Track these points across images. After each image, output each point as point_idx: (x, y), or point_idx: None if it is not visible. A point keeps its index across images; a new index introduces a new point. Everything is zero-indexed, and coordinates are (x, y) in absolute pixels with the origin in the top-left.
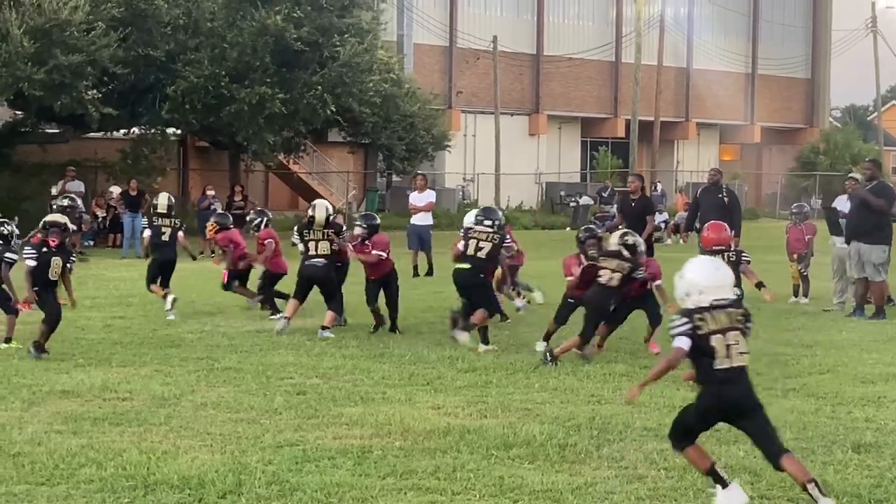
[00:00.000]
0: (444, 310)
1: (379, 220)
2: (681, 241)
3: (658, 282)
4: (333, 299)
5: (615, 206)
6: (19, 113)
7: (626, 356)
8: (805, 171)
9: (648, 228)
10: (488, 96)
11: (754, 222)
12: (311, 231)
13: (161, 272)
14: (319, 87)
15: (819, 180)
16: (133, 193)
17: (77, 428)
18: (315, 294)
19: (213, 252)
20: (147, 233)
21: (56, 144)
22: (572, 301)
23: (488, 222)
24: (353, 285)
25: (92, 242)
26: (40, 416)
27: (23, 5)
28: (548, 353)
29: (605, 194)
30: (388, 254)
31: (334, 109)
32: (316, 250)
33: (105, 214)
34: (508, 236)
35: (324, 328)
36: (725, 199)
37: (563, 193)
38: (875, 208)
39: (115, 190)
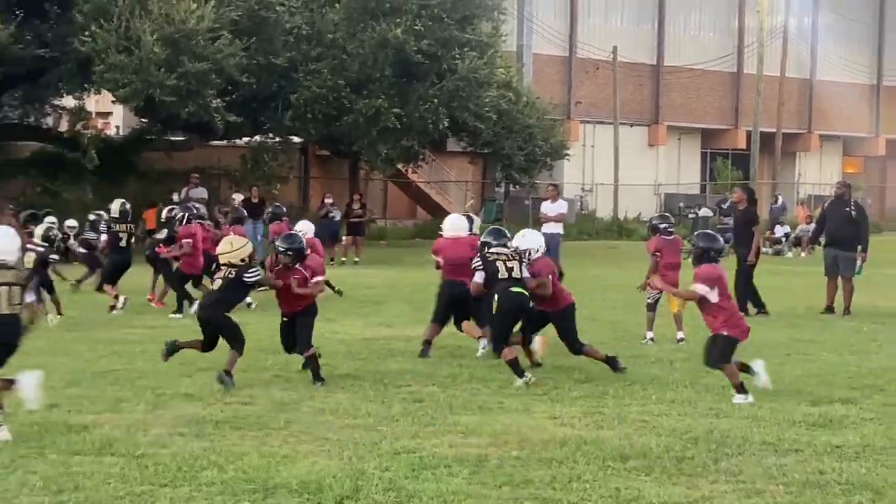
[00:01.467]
0: None
1: (303, 243)
2: (802, 254)
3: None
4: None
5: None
6: (145, 121)
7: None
8: None
9: (755, 241)
10: (608, 107)
11: (878, 236)
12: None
13: (117, 274)
14: (435, 101)
15: None
16: (254, 200)
17: (199, 431)
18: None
19: (332, 260)
20: (104, 237)
21: (181, 151)
22: None
23: (508, 242)
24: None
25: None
26: (164, 418)
27: (152, 13)
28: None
29: (724, 206)
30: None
31: (447, 124)
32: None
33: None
34: None
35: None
36: (853, 212)
37: (682, 205)
38: None
39: (237, 197)
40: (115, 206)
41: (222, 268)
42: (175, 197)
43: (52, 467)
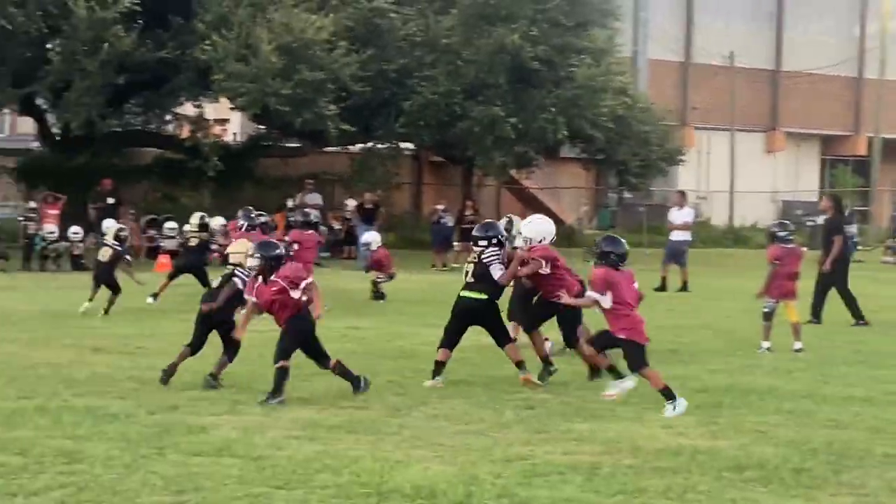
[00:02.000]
0: (676, 328)
1: (280, 250)
2: None
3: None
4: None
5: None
6: (262, 128)
7: (867, 380)
8: None
9: (835, 250)
10: (724, 113)
11: None
12: None
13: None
14: (553, 109)
15: None
16: (368, 206)
17: (314, 434)
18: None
19: (444, 265)
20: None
21: (295, 158)
22: None
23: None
24: None
25: (328, 254)
26: (280, 421)
27: (272, 22)
28: None
29: (845, 214)
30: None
31: (566, 133)
32: None
33: (341, 227)
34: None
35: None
36: None
37: (800, 212)
38: None
39: (351, 203)
40: (195, 219)
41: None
42: (289, 202)
43: (173, 467)
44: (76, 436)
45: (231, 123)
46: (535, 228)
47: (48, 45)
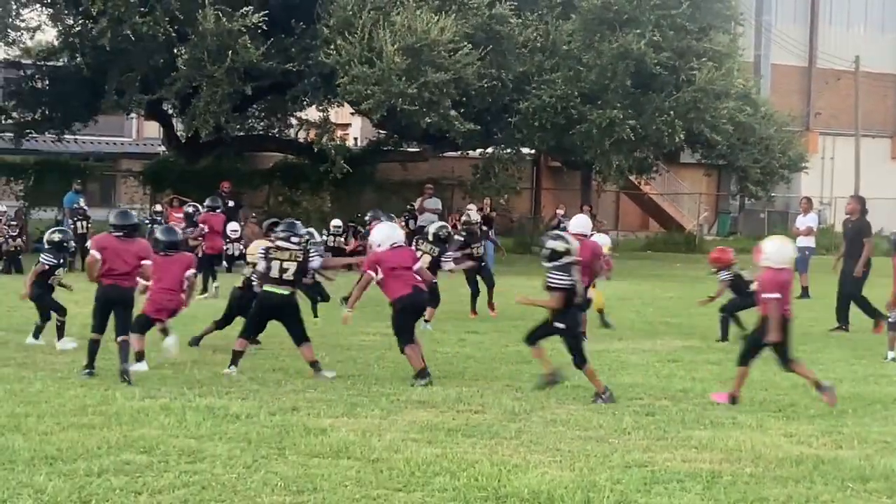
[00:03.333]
0: (799, 336)
1: (177, 236)
2: None
3: None
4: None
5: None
6: (382, 132)
7: None
8: None
9: (865, 252)
10: (848, 118)
11: None
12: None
13: None
14: (671, 112)
15: None
16: (487, 211)
17: (432, 437)
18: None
19: None
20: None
21: (415, 163)
22: None
23: (295, 239)
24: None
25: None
26: (398, 424)
27: (395, 24)
28: None
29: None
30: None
31: (683, 137)
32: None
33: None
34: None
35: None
36: None
37: None
38: None
39: (472, 208)
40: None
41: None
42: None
43: (292, 468)
44: (199, 435)
45: (352, 128)
46: (375, 234)
47: (175, 52)
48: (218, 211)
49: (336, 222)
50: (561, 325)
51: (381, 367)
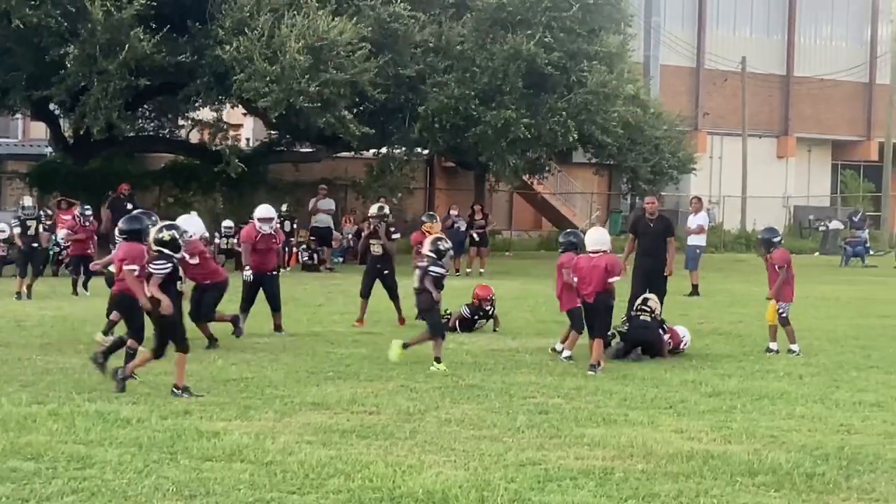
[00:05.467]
0: (692, 334)
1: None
2: None
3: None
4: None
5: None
6: (274, 133)
7: (879, 385)
8: None
9: (670, 250)
10: (736, 118)
11: None
12: None
13: None
14: (564, 113)
15: None
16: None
17: (326, 439)
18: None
19: (457, 270)
20: None
21: (309, 163)
22: None
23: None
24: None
25: (342, 259)
26: (291, 426)
27: (296, 23)
28: None
29: (856, 219)
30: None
31: (577, 136)
32: None
33: (356, 230)
34: None
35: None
36: None
37: (811, 218)
38: None
39: (374, 209)
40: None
41: None
42: (284, 208)
43: (184, 472)
44: (88, 441)
45: (244, 129)
46: (189, 225)
47: (63, 51)
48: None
49: (227, 223)
50: None
51: (274, 369)
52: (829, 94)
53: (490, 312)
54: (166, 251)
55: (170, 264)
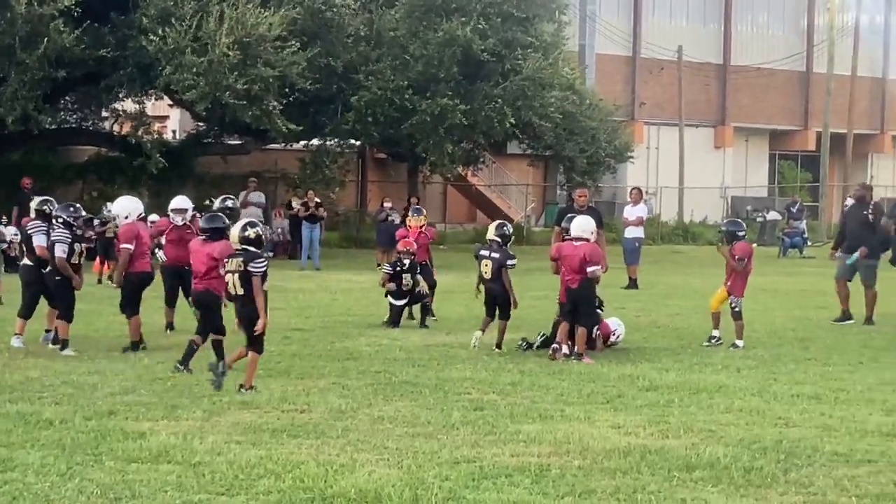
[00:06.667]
0: (626, 326)
1: None
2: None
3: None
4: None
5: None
6: (202, 125)
7: (816, 378)
8: None
9: (600, 242)
10: (673, 108)
11: None
12: None
13: None
14: (500, 100)
15: None
16: (311, 205)
17: (256, 439)
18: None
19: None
20: None
21: (237, 156)
22: None
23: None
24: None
25: (272, 253)
26: (220, 426)
27: (223, 17)
28: None
29: (794, 209)
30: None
31: (514, 122)
32: None
33: (285, 226)
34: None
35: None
36: (870, 215)
37: (749, 208)
38: None
39: (295, 202)
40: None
41: None
42: (216, 203)
43: (109, 475)
44: (9, 443)
45: (170, 121)
46: (118, 206)
47: None
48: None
49: (153, 217)
50: None
51: (202, 368)
52: (766, 83)
53: (412, 268)
54: (252, 248)
55: (266, 262)
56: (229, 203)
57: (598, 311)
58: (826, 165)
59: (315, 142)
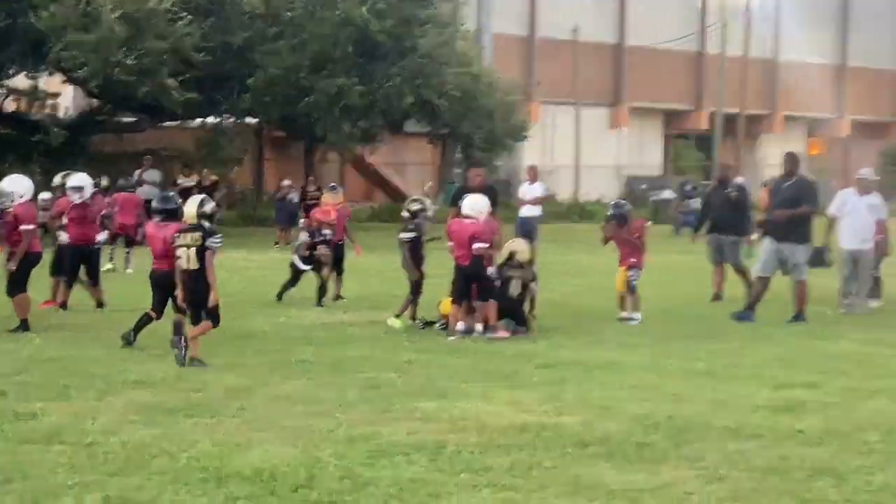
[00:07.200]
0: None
1: None
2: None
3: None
4: None
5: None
6: (96, 102)
7: (708, 354)
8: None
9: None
10: (569, 87)
11: None
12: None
13: None
14: (398, 79)
15: None
16: (206, 184)
17: (150, 419)
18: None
19: (288, 243)
20: None
21: (132, 133)
22: None
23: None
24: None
25: None
26: (114, 406)
27: None
28: None
29: (687, 189)
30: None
31: (412, 101)
32: None
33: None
34: None
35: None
36: (733, 195)
37: (644, 187)
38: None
39: (183, 181)
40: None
41: None
42: (104, 181)
43: (0, 456)
44: None
45: (63, 97)
46: (13, 184)
47: None
48: None
49: (45, 195)
50: None
51: (95, 347)
52: (660, 63)
53: (329, 240)
54: (208, 224)
55: (222, 238)
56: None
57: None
58: (718, 145)
59: (211, 120)
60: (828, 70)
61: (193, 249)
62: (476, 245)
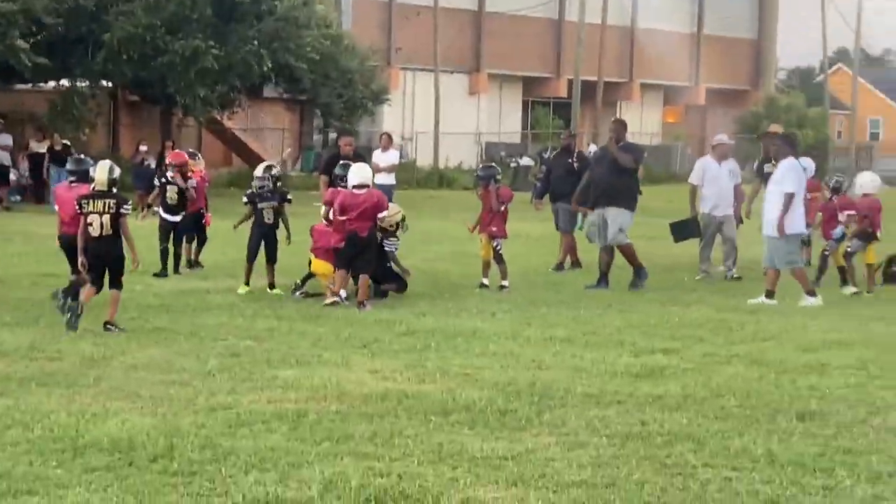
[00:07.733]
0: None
1: None
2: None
3: None
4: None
5: None
6: None
7: (568, 321)
8: (749, 135)
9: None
10: (428, 54)
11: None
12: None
13: None
14: (255, 42)
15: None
16: (57, 148)
17: (3, 389)
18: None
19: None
20: None
21: None
22: None
23: None
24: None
25: (19, 198)
26: None
27: None
28: None
29: (545, 155)
30: None
31: (270, 65)
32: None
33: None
34: None
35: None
36: (576, 164)
37: (503, 154)
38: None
39: (35, 145)
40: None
41: None
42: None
43: None
44: None
45: None
46: None
47: None
48: None
49: None
50: None
51: None
52: (519, 30)
53: (180, 185)
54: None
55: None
56: None
57: None
58: (577, 113)
59: (65, 83)
60: (685, 38)
61: (108, 216)
62: (381, 214)
